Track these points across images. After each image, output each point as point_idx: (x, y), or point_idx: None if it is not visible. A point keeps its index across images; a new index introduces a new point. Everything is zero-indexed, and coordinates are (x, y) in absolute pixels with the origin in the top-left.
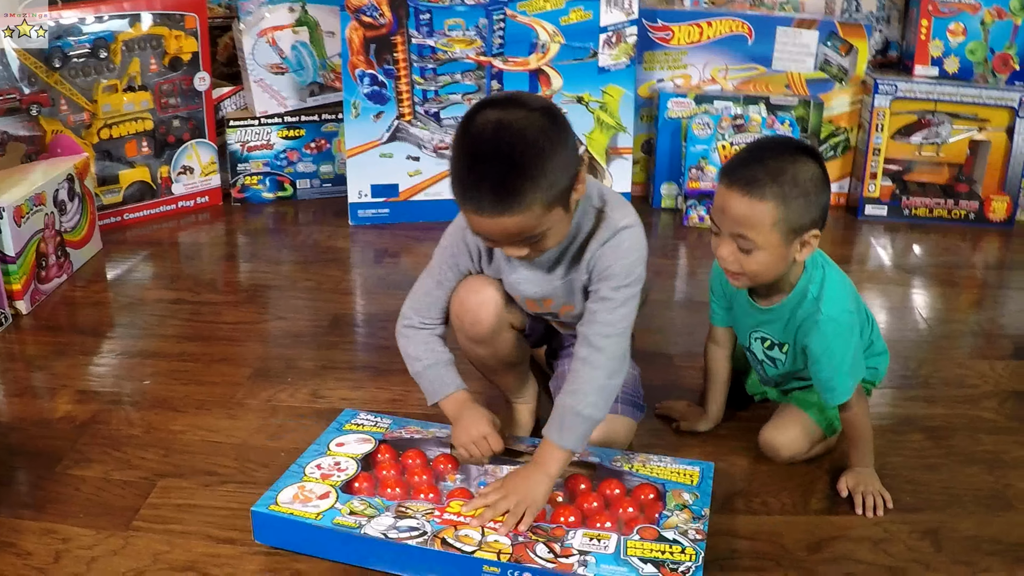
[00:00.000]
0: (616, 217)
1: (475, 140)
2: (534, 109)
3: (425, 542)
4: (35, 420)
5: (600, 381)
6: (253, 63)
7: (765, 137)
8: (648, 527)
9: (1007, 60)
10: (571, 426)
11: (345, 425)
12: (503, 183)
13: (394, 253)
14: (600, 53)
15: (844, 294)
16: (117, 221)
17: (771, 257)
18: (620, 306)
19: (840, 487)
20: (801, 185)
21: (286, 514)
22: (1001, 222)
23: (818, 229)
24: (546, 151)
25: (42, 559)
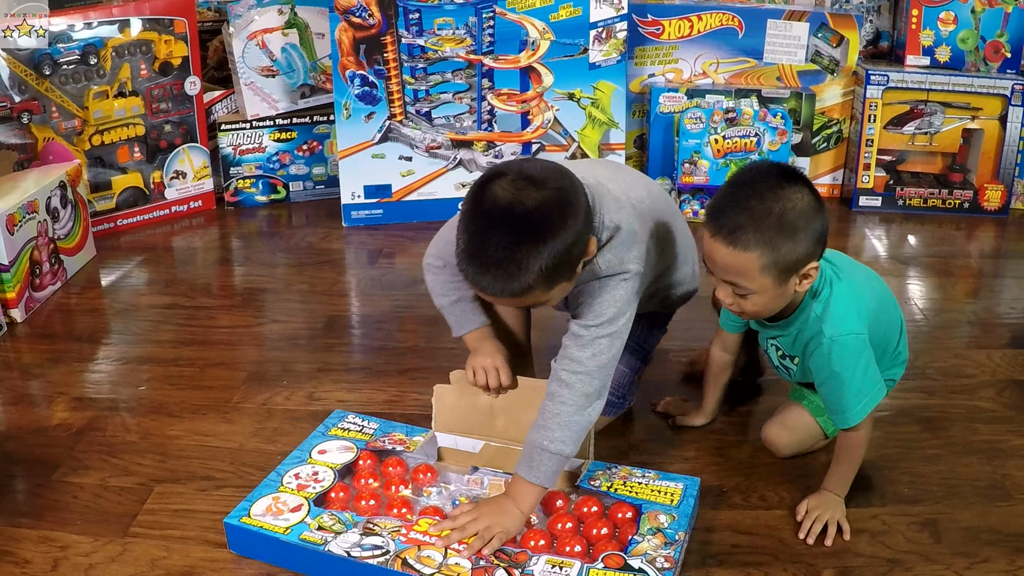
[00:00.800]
0: (602, 265)
1: (483, 220)
2: (546, 189)
3: (386, 562)
4: (31, 428)
5: (566, 417)
6: (243, 66)
7: (745, 170)
8: (614, 555)
9: (998, 48)
10: (539, 462)
11: (331, 429)
12: (503, 271)
13: (388, 253)
14: (590, 49)
15: (850, 312)
16: (110, 227)
17: (767, 298)
18: (588, 345)
19: (799, 508)
20: (788, 225)
21: (256, 527)
22: (995, 211)
23: (816, 260)
24: (548, 241)
25: (40, 567)
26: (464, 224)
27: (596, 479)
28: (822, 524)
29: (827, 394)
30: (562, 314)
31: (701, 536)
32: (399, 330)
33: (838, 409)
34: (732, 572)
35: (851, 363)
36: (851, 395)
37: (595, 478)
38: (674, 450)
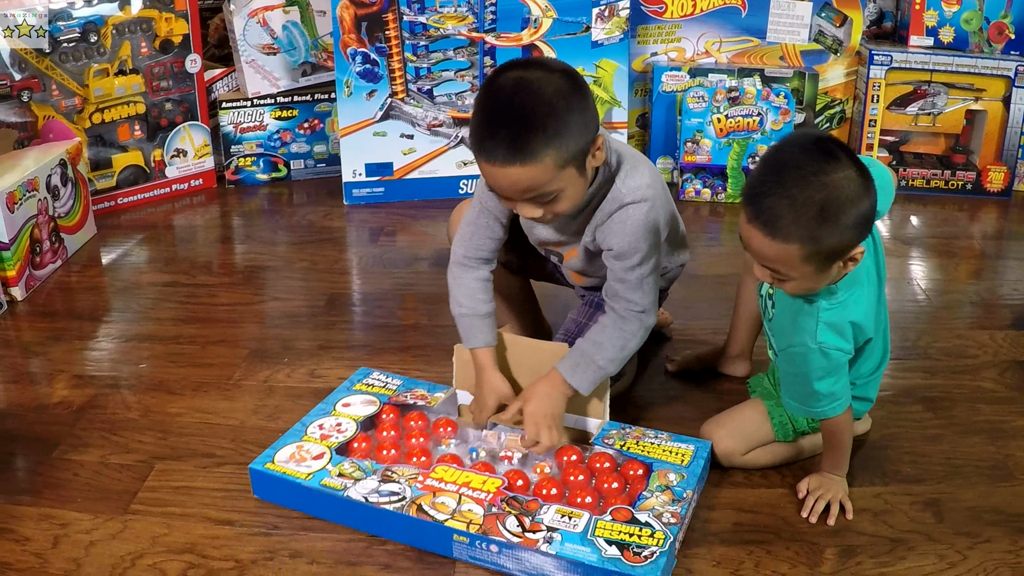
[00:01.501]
0: (624, 191)
1: (494, 95)
2: (554, 71)
3: (402, 508)
4: (32, 406)
5: (621, 342)
6: (244, 44)
7: (784, 146)
8: (622, 508)
9: (1002, 29)
10: (585, 370)
11: (356, 385)
12: (517, 134)
13: (390, 232)
14: (593, 27)
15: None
16: (111, 205)
17: (808, 283)
18: (638, 286)
19: (800, 487)
20: (832, 215)
21: (279, 472)
22: (998, 192)
23: (861, 242)
24: (560, 110)
25: (41, 544)
26: (477, 104)
27: (610, 438)
28: (824, 503)
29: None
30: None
31: (703, 514)
32: (400, 308)
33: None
34: (734, 550)
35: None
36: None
37: (609, 437)
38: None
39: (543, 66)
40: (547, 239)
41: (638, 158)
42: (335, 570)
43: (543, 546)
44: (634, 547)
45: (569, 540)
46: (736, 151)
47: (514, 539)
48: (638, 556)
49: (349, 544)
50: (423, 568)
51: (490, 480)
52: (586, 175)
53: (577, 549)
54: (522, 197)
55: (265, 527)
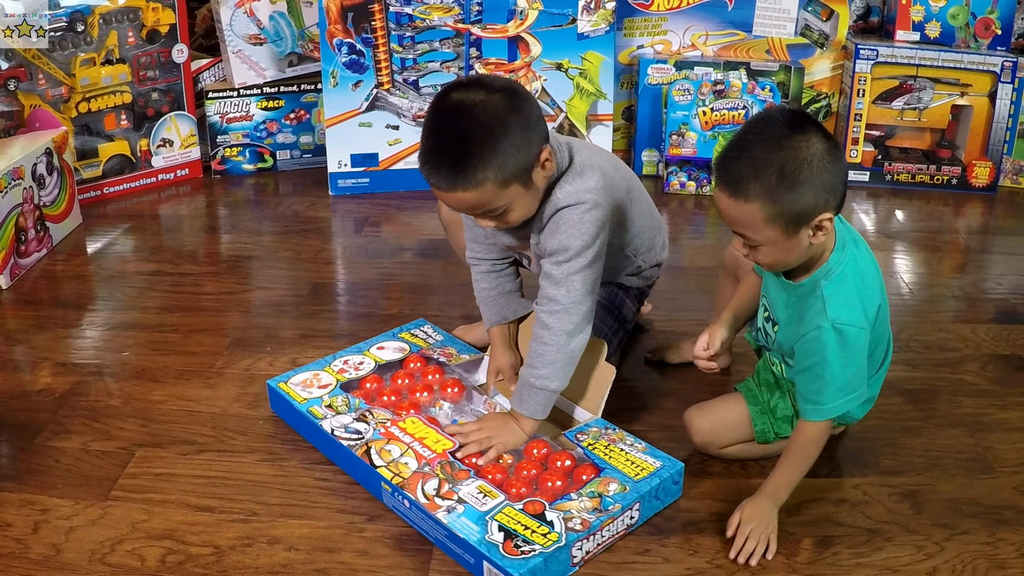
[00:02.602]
0: (559, 195)
1: (437, 121)
2: (494, 91)
3: (354, 447)
4: (15, 393)
5: (549, 356)
6: (231, 34)
7: (754, 118)
8: (536, 501)
9: (989, 25)
10: (527, 397)
11: (402, 333)
12: (455, 163)
13: (375, 222)
14: (579, 19)
15: (855, 303)
16: (97, 195)
17: (778, 250)
18: (561, 283)
19: (733, 519)
20: (789, 175)
21: (284, 392)
22: (983, 187)
23: (830, 211)
24: (497, 133)
25: (21, 530)
26: (423, 130)
27: (585, 435)
28: (755, 542)
29: (807, 381)
30: None
31: (683, 504)
32: (384, 297)
33: (814, 399)
34: (713, 540)
35: (846, 355)
36: (834, 388)
37: (586, 433)
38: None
39: (485, 86)
40: (509, 244)
41: (589, 163)
42: (313, 556)
43: (441, 514)
44: (520, 539)
45: (468, 515)
46: (721, 144)
47: (423, 500)
48: (516, 549)
49: (328, 531)
50: (401, 554)
51: (443, 441)
52: (535, 186)
53: (467, 525)
54: (473, 213)
55: (244, 514)
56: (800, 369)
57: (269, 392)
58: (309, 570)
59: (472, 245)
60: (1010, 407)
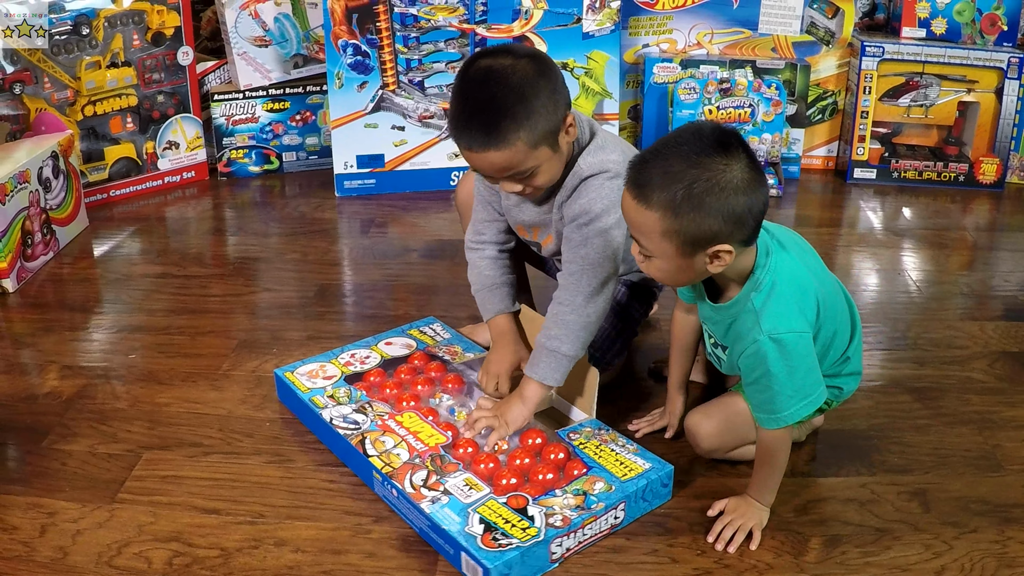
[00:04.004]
0: (583, 166)
1: (466, 85)
2: (521, 57)
3: (350, 437)
4: (22, 396)
5: (563, 317)
6: (236, 36)
7: (685, 127)
8: (520, 496)
9: (995, 21)
10: (538, 359)
11: (411, 330)
12: (488, 122)
13: (381, 223)
14: (584, 19)
15: (791, 309)
16: (103, 198)
17: (670, 267)
18: (582, 245)
19: (715, 505)
20: (696, 195)
21: (289, 381)
22: (991, 184)
23: (732, 244)
24: (527, 94)
25: (28, 533)
26: (453, 94)
27: (578, 434)
28: (734, 529)
29: (757, 393)
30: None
31: (687, 502)
32: (390, 298)
33: (768, 410)
34: None
35: (789, 363)
36: (785, 396)
37: (578, 433)
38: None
39: (511, 53)
40: (525, 220)
41: (611, 139)
42: (319, 558)
43: (425, 504)
44: (499, 532)
45: (451, 507)
46: None
47: (409, 490)
48: (494, 542)
49: (334, 532)
50: (407, 556)
51: (436, 436)
52: (561, 151)
53: (449, 516)
54: (501, 175)
55: (251, 516)
56: (748, 383)
57: (276, 381)
58: (316, 572)
59: (480, 226)
60: (1019, 405)
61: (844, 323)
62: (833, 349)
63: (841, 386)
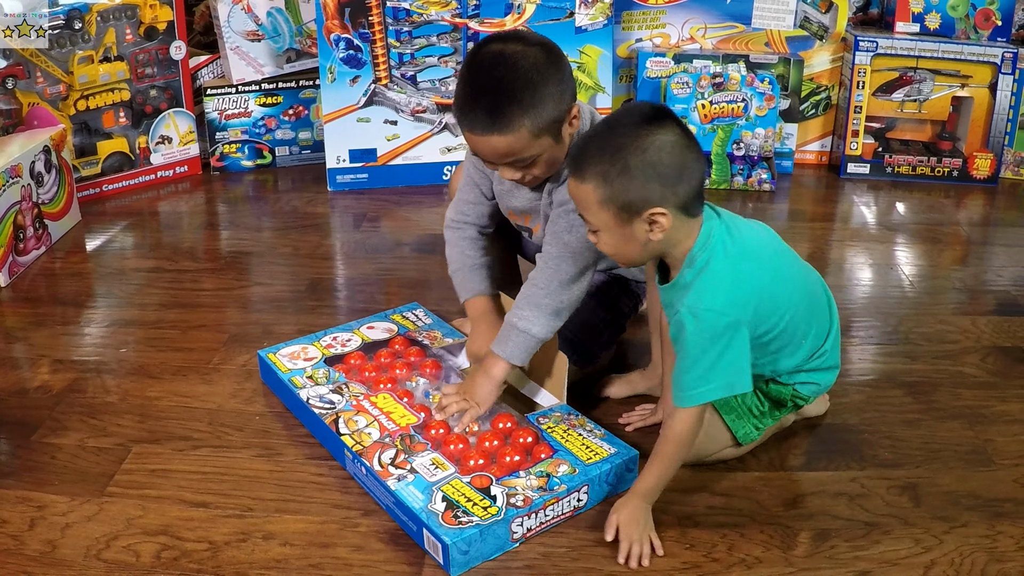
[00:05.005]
0: None
1: (475, 68)
2: (531, 44)
3: (324, 416)
4: (12, 390)
5: (538, 299)
6: (229, 30)
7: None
8: (484, 476)
9: (989, 16)
10: (507, 337)
11: (394, 315)
12: (495, 106)
13: (373, 217)
14: (577, 13)
15: (720, 290)
16: (96, 192)
17: (614, 238)
18: (565, 231)
19: (609, 524)
20: (621, 160)
21: (271, 363)
22: (985, 179)
23: (666, 207)
24: (535, 81)
25: (17, 526)
26: (461, 76)
27: (547, 419)
28: (639, 545)
29: (678, 365)
30: None
31: (677, 497)
32: (382, 292)
33: (676, 383)
34: (708, 533)
35: (701, 340)
36: (693, 375)
37: (549, 417)
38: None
39: (522, 39)
40: (516, 207)
41: None
42: (308, 551)
43: (391, 481)
44: (460, 511)
45: (416, 485)
46: (720, 137)
47: (377, 467)
48: (455, 519)
49: (323, 526)
50: (396, 549)
51: (408, 416)
52: (563, 142)
53: (413, 493)
54: (502, 161)
55: (239, 509)
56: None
57: (259, 361)
58: (304, 565)
59: (464, 207)
60: (1010, 399)
61: (821, 320)
62: (805, 346)
63: (817, 381)
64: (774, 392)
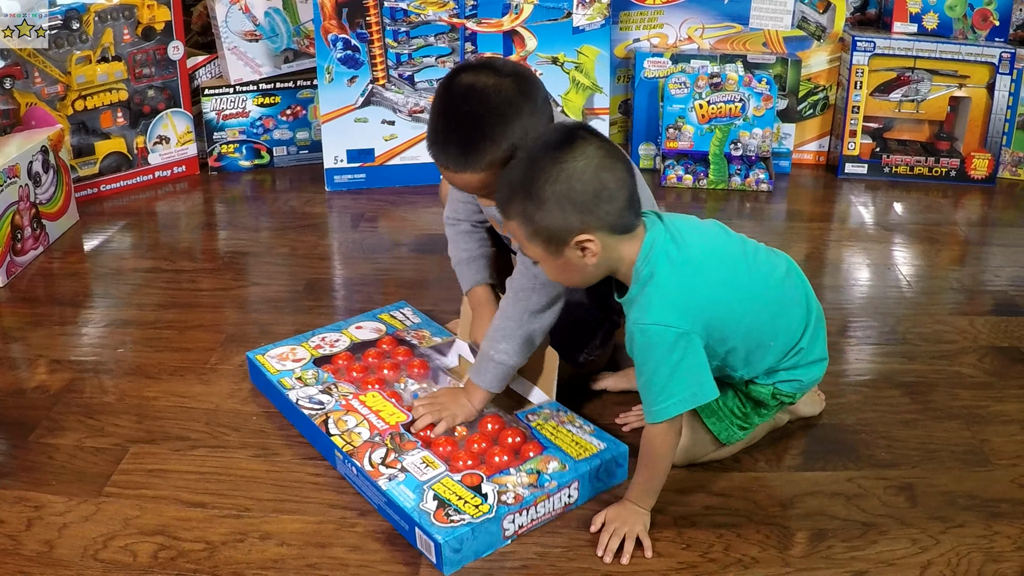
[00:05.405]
0: None
1: (446, 102)
2: (504, 76)
3: (314, 416)
4: (10, 391)
5: (512, 331)
6: (227, 31)
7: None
8: (475, 474)
9: (986, 16)
10: (485, 369)
11: (382, 314)
12: (465, 144)
13: (371, 218)
14: (574, 13)
15: (665, 302)
16: (94, 192)
17: (553, 268)
18: (532, 263)
19: (596, 519)
20: (536, 192)
21: (260, 364)
22: (982, 179)
23: (589, 232)
24: (508, 116)
25: (14, 526)
26: (433, 108)
27: (537, 415)
28: (620, 538)
29: (639, 382)
30: None
31: (673, 497)
32: (379, 293)
33: (644, 401)
34: (705, 533)
35: (653, 355)
36: (654, 391)
37: (538, 414)
38: None
39: (495, 70)
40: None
41: None
42: (304, 551)
43: (382, 481)
44: (451, 509)
45: (407, 484)
46: (718, 137)
47: (368, 467)
48: (447, 517)
49: (319, 526)
50: (393, 549)
51: (397, 415)
52: None
53: (405, 492)
54: (477, 194)
55: (236, 509)
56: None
57: (248, 363)
58: (301, 565)
59: (456, 205)
60: (1007, 399)
61: (792, 317)
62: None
63: (799, 378)
64: (754, 393)
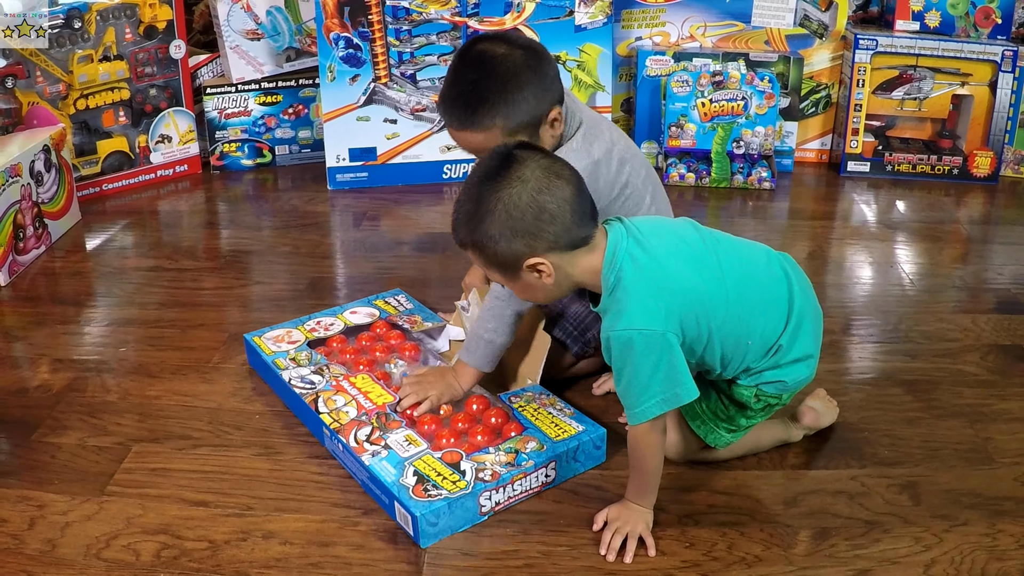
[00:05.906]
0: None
1: (460, 66)
2: (517, 47)
3: (304, 395)
4: (12, 390)
5: (499, 311)
6: (229, 29)
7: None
8: (455, 451)
9: (989, 14)
10: (475, 348)
11: (377, 300)
12: (469, 103)
13: (373, 216)
14: (576, 12)
15: (633, 307)
16: (96, 192)
17: (518, 290)
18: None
19: (598, 517)
20: (482, 226)
21: (256, 345)
22: (985, 177)
23: (537, 256)
24: (512, 84)
25: (17, 526)
26: (447, 72)
27: (519, 398)
28: (622, 537)
29: (618, 388)
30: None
31: (677, 496)
32: (382, 291)
33: (625, 403)
34: (708, 532)
35: (631, 359)
36: (635, 392)
37: (521, 396)
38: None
39: (509, 41)
40: None
41: (597, 133)
42: (307, 550)
43: (366, 456)
44: (430, 484)
45: (389, 460)
46: (720, 135)
47: (353, 444)
48: (425, 492)
49: (322, 525)
50: (396, 548)
51: (385, 396)
52: (541, 143)
53: (386, 468)
54: (479, 154)
55: (239, 508)
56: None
57: (245, 345)
58: (304, 564)
59: None
60: (1010, 397)
61: (771, 315)
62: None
63: (782, 378)
64: (736, 395)
